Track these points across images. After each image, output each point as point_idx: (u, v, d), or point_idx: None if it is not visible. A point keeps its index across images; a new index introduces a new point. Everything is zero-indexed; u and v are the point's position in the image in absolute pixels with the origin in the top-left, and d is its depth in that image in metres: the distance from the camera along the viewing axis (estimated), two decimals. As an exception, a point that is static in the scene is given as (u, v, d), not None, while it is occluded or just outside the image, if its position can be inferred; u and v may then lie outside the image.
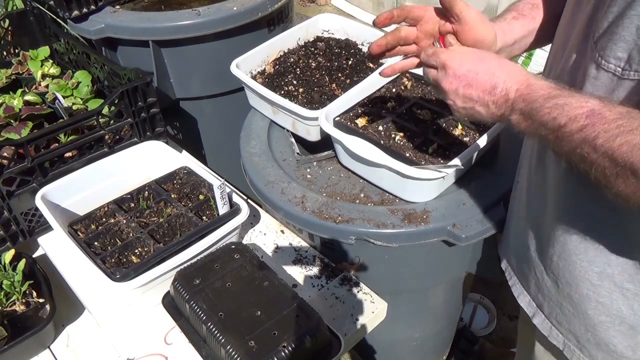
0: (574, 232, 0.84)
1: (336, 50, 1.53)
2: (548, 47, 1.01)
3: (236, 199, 1.20)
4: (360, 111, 1.30)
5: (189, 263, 1.05)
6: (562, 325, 0.94)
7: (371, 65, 1.48)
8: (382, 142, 1.20)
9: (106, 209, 1.22)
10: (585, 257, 0.83)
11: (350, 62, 1.49)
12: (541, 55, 3.31)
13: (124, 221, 1.17)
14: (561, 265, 0.88)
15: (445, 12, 0.93)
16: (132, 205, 1.24)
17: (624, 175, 0.63)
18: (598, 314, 0.86)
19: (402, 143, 1.21)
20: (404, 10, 0.96)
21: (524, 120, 0.76)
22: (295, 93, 1.38)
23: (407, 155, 1.18)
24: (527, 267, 0.99)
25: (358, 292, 1.14)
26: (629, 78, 0.69)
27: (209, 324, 0.92)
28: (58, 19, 1.69)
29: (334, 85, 1.41)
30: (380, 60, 1.51)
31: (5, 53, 1.75)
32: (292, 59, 1.50)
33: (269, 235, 1.29)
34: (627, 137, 0.62)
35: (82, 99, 1.50)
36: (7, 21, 1.72)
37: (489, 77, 0.79)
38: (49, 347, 1.12)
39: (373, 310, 1.11)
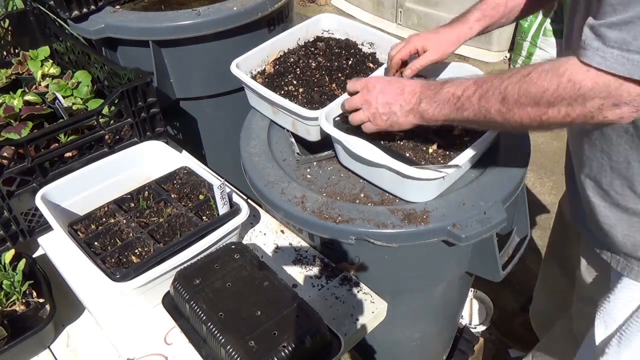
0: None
1: (336, 50, 1.53)
2: (549, 49, 1.13)
3: (236, 199, 1.20)
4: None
5: (189, 263, 1.05)
6: None
7: (371, 65, 1.48)
8: (382, 142, 1.20)
9: (106, 209, 1.22)
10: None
11: (350, 62, 1.49)
12: (541, 55, 3.31)
13: (124, 221, 1.17)
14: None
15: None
16: (132, 205, 1.24)
17: (517, 107, 0.86)
18: None
19: (402, 143, 1.21)
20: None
21: (430, 106, 1.01)
22: (295, 93, 1.38)
23: (407, 155, 1.17)
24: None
25: (358, 292, 1.14)
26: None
27: (209, 324, 0.92)
28: (58, 19, 1.68)
29: (334, 85, 1.41)
30: (379, 61, 1.51)
31: (5, 53, 1.75)
32: (292, 59, 1.50)
33: (269, 235, 1.29)
34: (508, 80, 0.86)
35: (82, 99, 1.50)
36: (7, 21, 1.72)
37: (397, 85, 1.08)
38: (49, 347, 1.12)
39: (373, 310, 1.11)
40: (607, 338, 1.15)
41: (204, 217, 1.19)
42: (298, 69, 1.46)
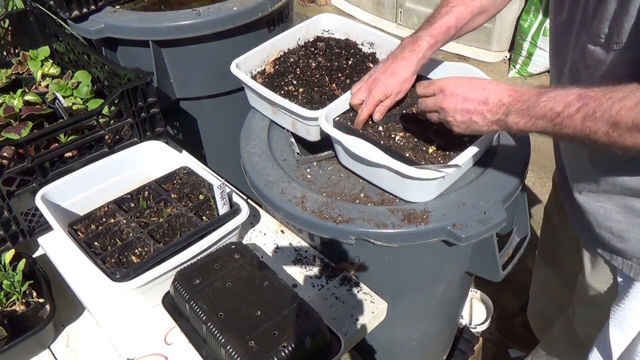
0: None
1: (336, 50, 1.53)
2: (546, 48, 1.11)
3: (236, 199, 1.20)
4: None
5: (189, 263, 1.05)
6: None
7: (371, 65, 1.48)
8: (382, 142, 1.20)
9: (106, 209, 1.22)
10: None
11: (350, 62, 1.49)
12: (541, 55, 3.32)
13: (124, 221, 1.17)
14: None
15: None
16: (132, 205, 1.24)
17: (630, 133, 0.79)
18: None
19: (402, 143, 1.21)
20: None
21: (522, 118, 0.90)
22: (295, 93, 1.38)
23: (407, 155, 1.17)
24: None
25: (358, 292, 1.14)
26: (613, 49, 0.88)
27: (209, 324, 0.92)
28: (58, 19, 1.68)
29: (334, 85, 1.41)
30: (379, 61, 1.51)
31: (5, 53, 1.75)
32: (292, 59, 1.50)
33: (269, 235, 1.29)
34: (621, 103, 0.78)
35: (82, 99, 1.50)
36: (7, 21, 1.73)
37: (480, 92, 0.95)
38: (49, 347, 1.12)
39: (373, 310, 1.11)
40: (625, 343, 1.15)
41: (204, 217, 1.19)
42: (298, 69, 1.46)
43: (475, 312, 2.14)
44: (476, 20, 1.22)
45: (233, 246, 1.08)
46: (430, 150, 1.18)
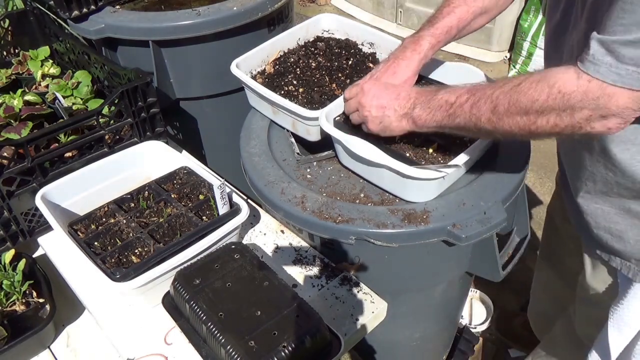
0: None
1: (336, 50, 1.53)
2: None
3: (236, 199, 1.20)
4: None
5: (189, 263, 1.05)
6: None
7: (371, 65, 1.48)
8: (382, 142, 1.20)
9: (106, 209, 1.22)
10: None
11: (350, 62, 1.49)
12: (541, 55, 3.31)
13: (124, 221, 1.17)
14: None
15: None
16: (132, 205, 1.24)
17: (507, 116, 0.88)
18: None
19: (402, 143, 1.21)
20: None
21: (423, 111, 1.03)
22: (295, 93, 1.38)
23: (407, 155, 1.17)
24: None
25: (358, 292, 1.14)
26: None
27: (209, 324, 0.92)
28: (58, 19, 1.68)
29: (334, 85, 1.41)
30: (379, 61, 1.51)
31: (5, 53, 1.75)
32: (292, 59, 1.50)
33: (269, 235, 1.29)
34: (500, 89, 0.88)
35: (82, 99, 1.50)
36: (7, 21, 1.73)
37: (394, 90, 1.10)
38: (49, 347, 1.12)
39: (373, 310, 1.11)
40: (624, 343, 1.15)
41: (204, 217, 1.19)
42: (298, 69, 1.46)
43: (475, 312, 2.14)
44: (478, 21, 1.22)
45: (233, 246, 1.08)
46: (430, 150, 1.18)
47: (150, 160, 1.35)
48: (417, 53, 1.19)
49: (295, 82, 1.42)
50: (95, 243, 1.13)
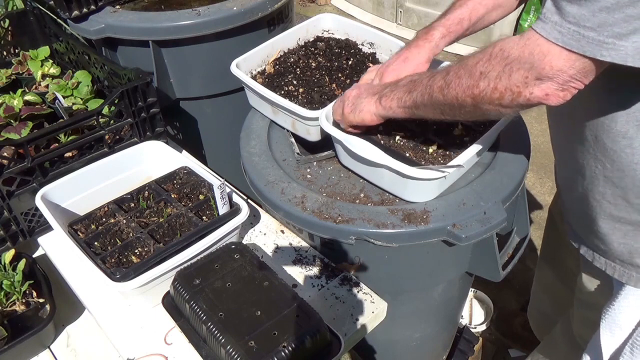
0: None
1: (336, 50, 1.53)
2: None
3: (236, 199, 1.20)
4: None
5: (189, 263, 1.05)
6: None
7: (371, 65, 1.48)
8: (382, 142, 1.20)
9: (106, 209, 1.22)
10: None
11: (350, 62, 1.49)
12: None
13: (124, 221, 1.17)
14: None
15: None
16: (132, 205, 1.24)
17: (456, 79, 0.88)
18: None
19: (402, 143, 1.21)
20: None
21: (391, 90, 1.06)
22: (295, 93, 1.38)
23: (407, 155, 1.17)
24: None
25: (358, 292, 1.14)
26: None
27: (209, 324, 0.92)
28: (58, 19, 1.69)
29: (334, 85, 1.41)
30: (379, 61, 1.51)
31: (5, 53, 1.75)
32: (292, 59, 1.50)
33: (269, 235, 1.29)
34: (457, 65, 0.89)
35: (82, 99, 1.50)
36: (7, 21, 1.72)
37: (371, 84, 1.17)
38: (49, 347, 1.12)
39: (373, 310, 1.11)
40: (615, 345, 1.15)
41: (204, 217, 1.19)
42: (298, 69, 1.46)
43: (475, 312, 2.14)
44: (491, 15, 1.21)
45: (233, 246, 1.08)
46: (430, 150, 1.18)
47: (150, 160, 1.35)
48: (428, 42, 1.19)
49: (295, 82, 1.42)
50: (95, 243, 1.13)
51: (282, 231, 1.29)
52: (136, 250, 1.11)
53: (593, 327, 1.21)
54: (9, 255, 1.17)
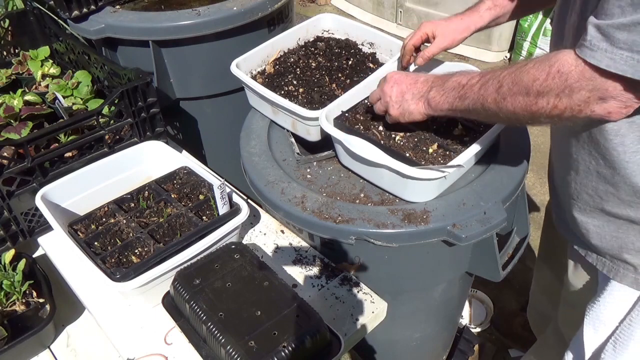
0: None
1: (336, 50, 1.53)
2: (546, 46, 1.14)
3: (236, 199, 1.20)
4: (360, 111, 1.30)
5: (189, 263, 1.05)
6: None
7: (371, 65, 1.48)
8: (382, 142, 1.20)
9: (106, 209, 1.22)
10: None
11: (350, 62, 1.49)
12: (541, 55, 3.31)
13: (124, 221, 1.17)
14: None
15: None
16: (132, 205, 1.24)
17: (510, 96, 0.89)
18: None
19: (402, 143, 1.21)
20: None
21: (438, 92, 1.05)
22: (295, 93, 1.38)
23: (407, 155, 1.17)
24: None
25: (358, 292, 1.14)
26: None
27: (209, 324, 0.92)
28: (58, 19, 1.69)
29: (334, 85, 1.41)
30: (379, 61, 1.51)
31: (5, 53, 1.75)
32: (292, 59, 1.50)
33: (269, 235, 1.29)
34: (507, 70, 0.90)
35: (82, 99, 1.50)
36: (7, 21, 1.73)
37: (412, 76, 1.13)
38: (49, 347, 1.12)
39: (373, 310, 1.11)
40: (598, 342, 1.15)
41: (204, 217, 1.19)
42: (298, 69, 1.46)
43: (475, 312, 2.14)
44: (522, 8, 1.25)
45: (233, 246, 1.08)
46: (431, 150, 1.18)
47: (150, 160, 1.35)
48: (473, 11, 1.26)
49: (295, 82, 1.42)
50: (95, 243, 1.13)
51: (282, 231, 1.29)
52: (136, 250, 1.11)
53: (577, 325, 1.21)
54: (9, 255, 1.17)
